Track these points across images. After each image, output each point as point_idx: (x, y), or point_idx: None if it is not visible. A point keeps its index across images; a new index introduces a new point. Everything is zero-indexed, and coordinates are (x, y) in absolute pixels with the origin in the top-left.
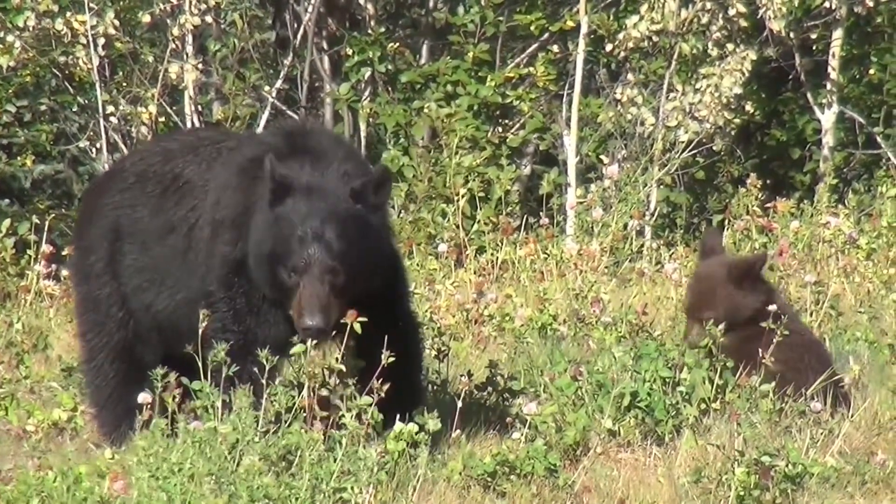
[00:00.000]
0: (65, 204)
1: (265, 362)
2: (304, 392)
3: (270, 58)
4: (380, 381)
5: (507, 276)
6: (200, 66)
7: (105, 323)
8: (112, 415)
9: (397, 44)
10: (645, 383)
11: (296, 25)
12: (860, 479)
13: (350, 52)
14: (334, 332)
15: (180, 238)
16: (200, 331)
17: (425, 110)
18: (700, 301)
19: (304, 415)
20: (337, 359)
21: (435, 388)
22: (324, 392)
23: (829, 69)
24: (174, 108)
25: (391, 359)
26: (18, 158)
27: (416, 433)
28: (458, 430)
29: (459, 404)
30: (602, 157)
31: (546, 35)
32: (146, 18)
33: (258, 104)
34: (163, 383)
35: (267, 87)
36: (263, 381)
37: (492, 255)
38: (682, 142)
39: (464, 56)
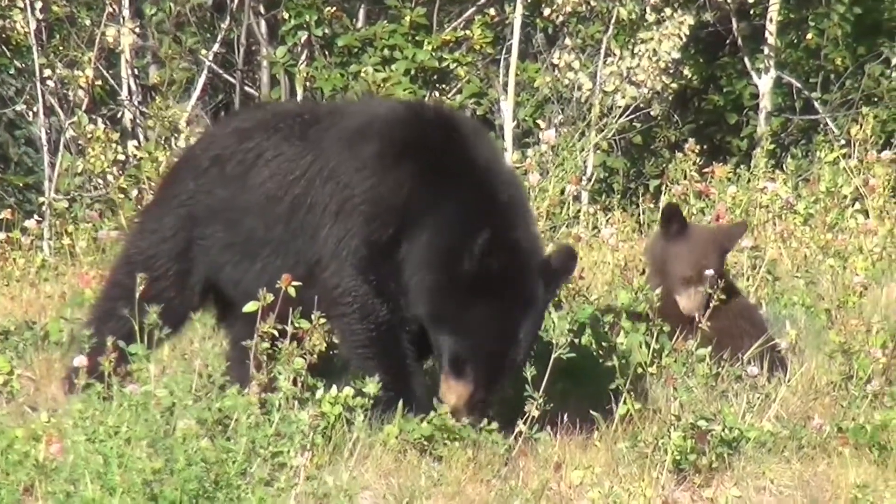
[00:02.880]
0: (1, 167)
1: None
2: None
3: (207, 21)
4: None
5: None
6: (137, 29)
7: (154, 302)
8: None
9: (334, 8)
10: (581, 347)
11: None
12: (797, 443)
13: (286, 15)
14: None
15: (280, 212)
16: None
17: (362, 74)
18: (697, 267)
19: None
20: (274, 326)
21: None
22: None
23: (767, 34)
24: (111, 71)
25: None
26: None
27: (353, 397)
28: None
29: None
30: (539, 121)
31: None
32: None
33: (195, 68)
34: (91, 345)
35: (204, 51)
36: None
37: None
38: (620, 107)
39: (401, 20)
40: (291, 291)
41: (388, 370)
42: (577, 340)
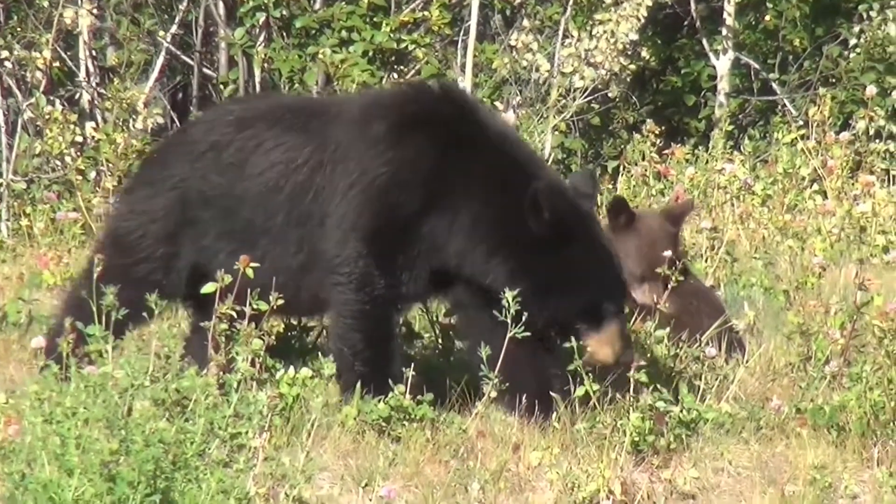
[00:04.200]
0: None
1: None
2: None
3: (165, 3)
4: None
5: None
6: (95, 11)
7: (140, 284)
8: None
9: None
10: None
11: None
12: (755, 424)
13: None
14: None
15: (282, 200)
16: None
17: (320, 56)
18: (647, 263)
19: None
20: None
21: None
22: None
23: (725, 15)
24: (69, 53)
25: None
26: None
27: (311, 378)
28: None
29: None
30: (497, 103)
31: None
32: None
33: (153, 49)
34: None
35: (162, 33)
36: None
37: None
38: (578, 88)
39: (358, 1)
40: (249, 273)
41: (371, 344)
42: None
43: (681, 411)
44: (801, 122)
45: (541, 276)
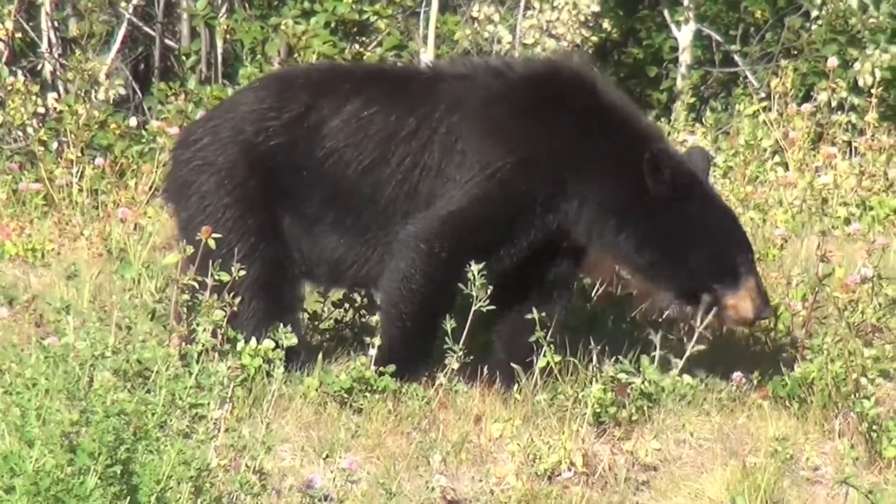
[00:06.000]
0: None
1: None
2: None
3: None
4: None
5: None
6: None
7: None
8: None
9: None
10: None
11: None
12: (716, 396)
13: None
14: None
15: (388, 173)
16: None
17: (282, 27)
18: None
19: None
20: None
21: None
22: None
23: None
24: (31, 23)
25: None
26: None
27: (272, 349)
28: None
29: (305, 319)
30: None
31: None
32: None
33: (114, 20)
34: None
35: (124, 3)
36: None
37: None
38: None
39: None
40: (212, 244)
41: (427, 309)
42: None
43: (642, 383)
44: (762, 94)
45: (671, 239)
